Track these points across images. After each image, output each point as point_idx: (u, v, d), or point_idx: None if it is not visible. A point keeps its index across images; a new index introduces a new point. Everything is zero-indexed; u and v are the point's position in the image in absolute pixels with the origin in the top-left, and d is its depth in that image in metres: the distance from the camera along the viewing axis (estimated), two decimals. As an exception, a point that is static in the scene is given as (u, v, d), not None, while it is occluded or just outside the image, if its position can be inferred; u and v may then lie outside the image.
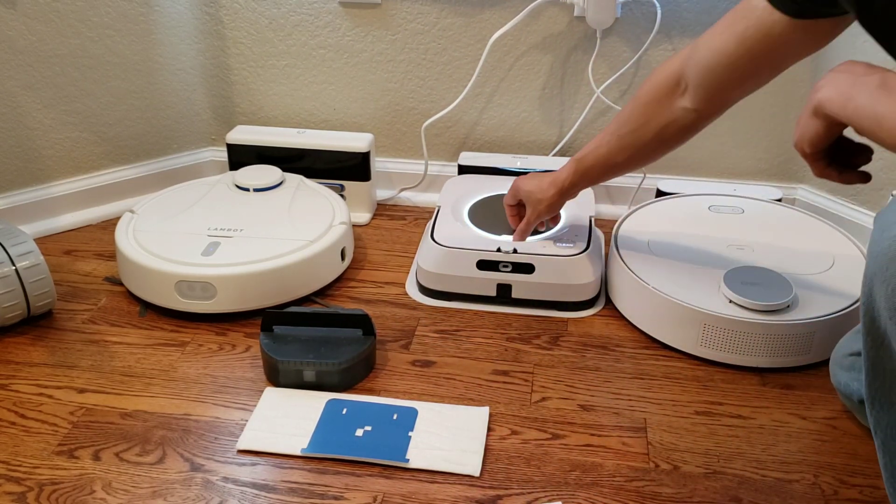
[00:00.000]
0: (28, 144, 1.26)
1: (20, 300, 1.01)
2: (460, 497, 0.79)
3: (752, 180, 1.37)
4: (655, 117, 0.91)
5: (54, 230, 1.31)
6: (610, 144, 0.96)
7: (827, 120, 0.68)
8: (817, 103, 0.68)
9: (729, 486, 0.80)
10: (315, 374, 0.93)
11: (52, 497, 0.78)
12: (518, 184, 1.07)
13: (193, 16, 1.35)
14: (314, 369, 0.92)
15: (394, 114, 1.40)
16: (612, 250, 1.11)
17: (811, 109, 0.69)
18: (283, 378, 0.94)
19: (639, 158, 0.97)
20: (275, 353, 0.93)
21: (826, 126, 0.69)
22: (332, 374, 0.93)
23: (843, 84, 0.66)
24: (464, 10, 1.30)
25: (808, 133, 0.71)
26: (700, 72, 0.85)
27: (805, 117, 0.71)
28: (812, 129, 0.70)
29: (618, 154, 0.96)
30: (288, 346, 0.94)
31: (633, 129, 0.94)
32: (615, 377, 0.97)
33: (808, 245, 1.11)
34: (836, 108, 0.66)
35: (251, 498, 0.78)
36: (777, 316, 0.96)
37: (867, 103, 0.63)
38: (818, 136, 0.70)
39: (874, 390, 0.65)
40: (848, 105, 0.65)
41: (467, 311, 1.10)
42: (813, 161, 0.74)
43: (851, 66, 0.67)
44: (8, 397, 0.92)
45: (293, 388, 0.94)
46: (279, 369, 0.93)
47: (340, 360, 0.92)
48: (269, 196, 1.22)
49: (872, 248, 0.62)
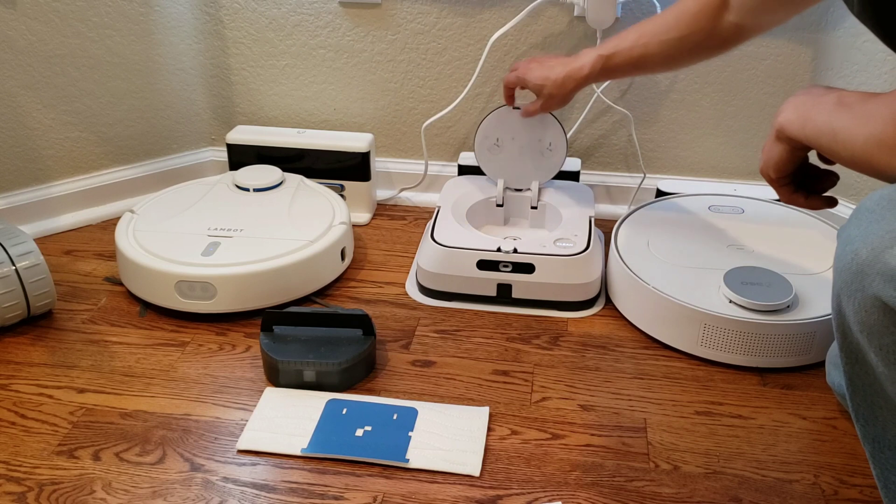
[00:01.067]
0: (28, 144, 1.26)
1: (20, 300, 1.01)
2: (460, 497, 0.79)
3: (752, 180, 1.37)
4: (701, 27, 0.92)
5: (54, 230, 1.31)
6: (647, 47, 0.96)
7: (789, 143, 0.70)
8: (779, 127, 0.70)
9: (729, 486, 0.80)
10: (315, 374, 0.93)
11: (52, 497, 0.78)
12: (524, 75, 1.06)
13: (193, 16, 1.35)
14: (314, 369, 0.93)
15: (394, 114, 1.40)
16: (612, 250, 1.11)
17: (774, 134, 0.71)
18: (283, 378, 0.94)
19: (673, 63, 0.99)
20: (275, 353, 0.93)
21: (789, 150, 0.70)
22: (332, 374, 0.93)
23: (802, 106, 0.68)
24: (464, 10, 1.30)
25: (772, 158, 0.72)
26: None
27: (769, 143, 0.72)
28: (776, 154, 0.72)
29: (654, 57, 0.97)
30: (288, 346, 0.94)
31: (677, 36, 0.94)
32: (615, 377, 0.97)
33: (808, 245, 1.11)
34: (795, 130, 0.68)
35: (251, 498, 0.78)
36: (777, 316, 0.96)
37: (824, 120, 0.65)
38: (782, 160, 0.72)
39: (857, 404, 0.65)
40: (807, 125, 0.67)
41: (467, 311, 1.10)
42: (779, 186, 0.75)
43: (810, 89, 0.69)
44: (8, 397, 0.92)
45: (293, 388, 0.94)
46: (279, 369, 0.93)
47: (340, 360, 0.92)
48: (269, 196, 1.22)
49: (837, 263, 0.62)
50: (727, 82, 1.29)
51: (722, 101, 1.31)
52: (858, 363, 0.63)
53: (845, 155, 0.63)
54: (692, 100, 1.32)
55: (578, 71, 1.01)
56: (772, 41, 1.25)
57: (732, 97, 1.30)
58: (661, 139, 1.36)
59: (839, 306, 0.62)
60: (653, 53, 0.97)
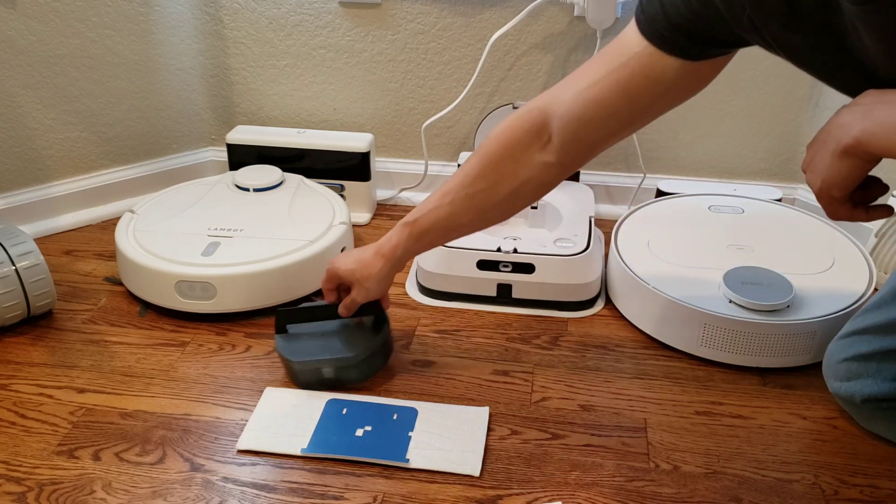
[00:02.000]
0: (28, 144, 1.26)
1: (20, 300, 1.01)
2: (460, 497, 0.79)
3: (752, 180, 1.37)
4: (511, 174, 0.82)
5: (54, 230, 1.31)
6: (453, 204, 0.85)
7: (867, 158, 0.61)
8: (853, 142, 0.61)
9: (729, 486, 0.80)
10: (333, 370, 0.92)
11: (52, 497, 0.78)
12: (335, 265, 0.94)
13: (193, 16, 1.35)
14: (332, 366, 0.92)
15: (394, 114, 1.40)
16: (612, 250, 1.11)
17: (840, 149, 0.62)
18: (302, 378, 0.93)
19: (485, 219, 0.87)
20: (291, 354, 0.92)
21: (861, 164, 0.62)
22: (351, 369, 0.92)
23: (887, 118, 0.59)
24: (464, 10, 1.30)
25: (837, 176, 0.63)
26: (571, 124, 0.77)
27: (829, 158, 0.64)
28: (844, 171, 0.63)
29: (462, 215, 0.85)
30: (303, 344, 0.94)
31: (483, 187, 0.83)
32: (615, 377, 0.97)
33: (808, 245, 1.11)
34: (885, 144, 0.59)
35: (251, 498, 0.78)
36: (777, 316, 0.96)
37: None
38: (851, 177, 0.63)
39: None
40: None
41: (467, 311, 1.10)
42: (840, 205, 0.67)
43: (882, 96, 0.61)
44: (8, 397, 0.92)
45: (314, 387, 0.93)
46: (297, 370, 0.92)
47: (357, 352, 0.91)
48: (269, 196, 1.22)
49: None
50: (727, 82, 1.29)
51: (722, 101, 1.31)
52: None
53: None
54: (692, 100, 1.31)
55: (384, 246, 0.90)
56: (772, 41, 1.25)
57: (732, 97, 1.30)
58: (661, 139, 1.36)
59: None
60: (460, 210, 0.85)
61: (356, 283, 0.92)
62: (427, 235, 0.88)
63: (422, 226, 0.87)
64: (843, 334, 0.87)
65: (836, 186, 0.64)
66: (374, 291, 0.92)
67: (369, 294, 0.93)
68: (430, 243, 0.90)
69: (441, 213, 0.86)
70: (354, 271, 0.92)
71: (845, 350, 0.86)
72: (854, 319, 0.87)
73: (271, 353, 1.01)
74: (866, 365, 0.83)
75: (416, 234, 0.88)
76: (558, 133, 0.78)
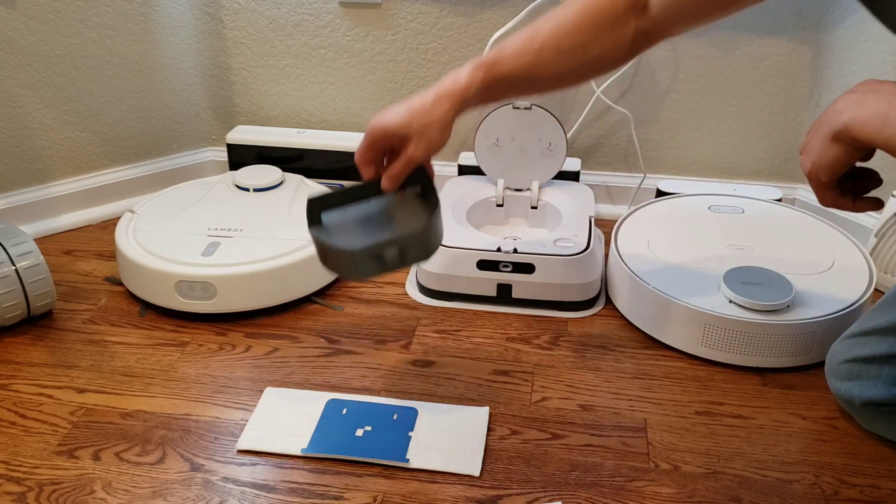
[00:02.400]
0: (28, 144, 1.26)
1: (20, 300, 1.01)
2: (460, 497, 0.79)
3: (752, 180, 1.37)
4: (605, 35, 0.77)
5: (54, 230, 1.31)
6: (540, 54, 0.77)
7: (854, 145, 0.64)
8: (842, 127, 0.63)
9: (729, 486, 0.80)
10: (398, 250, 0.76)
11: (52, 497, 0.78)
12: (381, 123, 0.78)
13: (193, 16, 1.35)
14: (397, 245, 0.76)
15: (394, 114, 1.40)
16: (612, 250, 1.11)
17: (831, 134, 0.64)
18: (362, 267, 0.76)
19: (566, 78, 0.80)
20: (345, 243, 0.76)
21: (849, 151, 0.64)
22: (417, 245, 0.77)
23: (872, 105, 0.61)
24: (464, 10, 1.30)
25: (826, 160, 0.66)
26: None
27: (820, 143, 0.66)
28: (832, 156, 0.65)
29: (546, 68, 0.78)
30: (348, 231, 0.79)
31: (578, 42, 0.77)
32: (615, 377, 0.97)
33: (808, 245, 1.11)
34: (870, 132, 0.61)
35: (251, 498, 0.78)
36: (777, 316, 0.96)
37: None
38: (839, 162, 0.65)
39: None
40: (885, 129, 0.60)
41: (467, 311, 1.10)
42: (827, 190, 0.69)
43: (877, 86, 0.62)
44: (8, 397, 0.92)
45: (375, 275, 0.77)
46: (358, 259, 0.75)
47: (421, 223, 0.77)
48: (269, 196, 1.22)
49: None
50: (727, 82, 1.29)
51: (722, 101, 1.31)
52: None
53: None
54: (692, 100, 1.32)
55: (454, 85, 0.77)
56: (772, 41, 1.25)
57: (732, 97, 1.30)
58: (661, 139, 1.36)
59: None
60: (547, 62, 0.78)
61: (413, 135, 0.77)
62: (502, 82, 0.78)
63: (500, 71, 0.77)
64: (847, 335, 0.87)
65: (824, 170, 0.67)
66: (437, 142, 0.77)
67: (430, 147, 0.77)
68: (502, 93, 0.80)
69: (525, 61, 0.77)
70: (411, 122, 0.76)
71: (848, 351, 0.86)
72: (859, 321, 0.87)
73: (271, 353, 1.01)
74: (867, 367, 0.83)
75: (492, 78, 0.77)
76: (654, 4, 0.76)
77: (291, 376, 0.96)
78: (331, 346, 1.02)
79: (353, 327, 1.06)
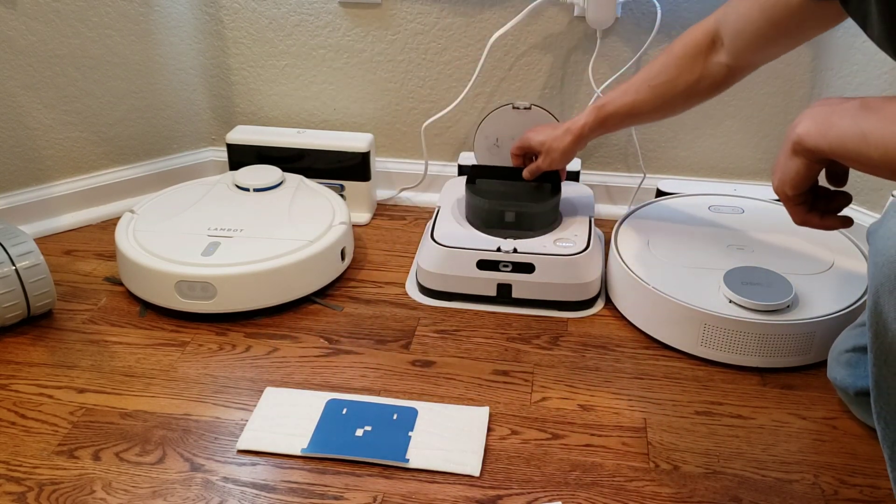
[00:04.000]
0: (28, 144, 1.26)
1: (20, 300, 1.01)
2: (460, 497, 0.79)
3: (752, 180, 1.37)
4: (690, 70, 0.94)
5: (54, 230, 1.31)
6: (639, 93, 0.99)
7: (808, 156, 0.67)
8: (796, 139, 0.67)
9: (729, 486, 0.80)
10: (515, 216, 1.10)
11: (52, 497, 0.78)
12: (529, 136, 1.11)
13: (193, 16, 1.35)
14: (515, 211, 1.10)
15: (394, 114, 1.40)
16: (612, 250, 1.11)
17: (789, 149, 0.68)
18: (486, 217, 1.12)
19: (665, 109, 1.00)
20: (482, 196, 1.12)
21: (807, 164, 0.68)
22: (530, 218, 1.11)
23: (820, 115, 0.66)
24: (464, 10, 1.30)
25: (788, 174, 0.70)
26: (731, 33, 0.89)
27: (783, 159, 0.70)
28: (793, 169, 0.69)
29: (645, 104, 0.99)
30: (490, 194, 1.13)
31: (666, 80, 0.96)
32: (615, 377, 0.97)
33: (808, 245, 1.11)
34: (816, 139, 0.65)
35: (251, 498, 0.78)
36: (777, 316, 0.96)
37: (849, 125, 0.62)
38: (799, 175, 0.69)
39: (881, 407, 0.64)
40: (829, 133, 0.64)
41: (467, 311, 1.10)
42: (794, 205, 0.73)
43: (826, 101, 0.67)
44: (8, 397, 0.92)
45: (495, 227, 1.12)
46: (486, 209, 1.11)
47: (538, 204, 1.11)
48: (269, 196, 1.22)
49: (876, 258, 0.61)
50: (727, 82, 1.29)
51: (722, 101, 1.31)
52: (888, 365, 0.62)
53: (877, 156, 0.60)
54: (692, 100, 1.32)
55: (575, 123, 1.05)
56: (772, 41, 1.25)
57: (732, 97, 1.30)
58: (661, 139, 1.36)
59: (877, 303, 0.61)
60: (644, 100, 0.99)
61: (545, 152, 1.09)
62: (612, 119, 1.03)
63: (608, 110, 1.02)
64: (852, 325, 0.88)
65: (788, 184, 0.70)
66: (558, 161, 1.09)
67: (553, 163, 1.10)
68: (613, 126, 1.05)
69: (626, 100, 1.00)
70: (545, 142, 1.09)
71: (849, 341, 0.86)
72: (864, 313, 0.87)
73: (271, 353, 1.01)
74: (864, 357, 0.84)
75: (603, 116, 1.03)
76: (726, 39, 0.91)
77: (291, 376, 0.96)
78: (331, 346, 1.02)
79: (353, 327, 1.06)
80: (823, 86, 1.26)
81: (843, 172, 0.72)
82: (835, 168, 0.72)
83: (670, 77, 0.96)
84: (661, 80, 0.97)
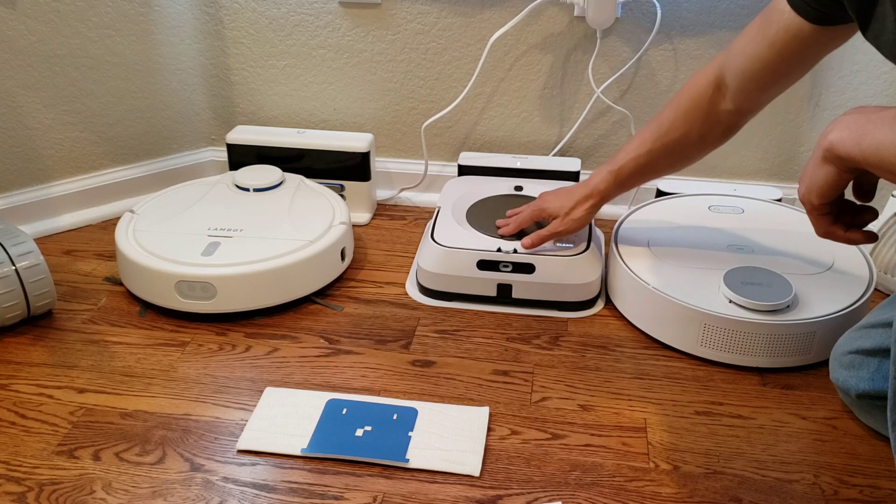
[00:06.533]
0: (28, 144, 1.26)
1: (20, 300, 1.01)
2: (460, 497, 0.79)
3: (752, 180, 1.37)
4: (700, 121, 0.94)
5: (54, 230, 1.31)
6: (652, 152, 0.98)
7: (839, 164, 0.65)
8: (828, 145, 0.65)
9: (729, 486, 0.80)
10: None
11: (52, 497, 0.78)
12: (544, 204, 1.08)
13: (193, 16, 1.35)
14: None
15: (394, 114, 1.40)
16: (612, 250, 1.11)
17: (820, 156, 0.67)
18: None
19: (681, 162, 1.00)
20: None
21: (837, 172, 0.66)
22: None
23: (854, 124, 0.64)
24: (464, 10, 1.30)
25: (817, 182, 0.68)
26: (738, 76, 0.88)
27: (813, 166, 0.68)
28: (822, 177, 0.67)
29: (660, 160, 0.99)
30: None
31: (678, 136, 0.96)
32: (615, 377, 0.97)
33: (808, 245, 1.11)
34: (849, 147, 0.63)
35: (251, 498, 0.78)
36: (777, 316, 0.96)
37: (886, 134, 0.60)
38: (828, 183, 0.67)
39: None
40: (863, 141, 0.62)
41: (467, 311, 1.10)
42: (819, 215, 0.71)
43: (861, 109, 0.65)
44: (8, 397, 0.92)
45: None
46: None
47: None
48: (269, 196, 1.22)
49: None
50: (727, 82, 1.29)
51: (722, 101, 1.31)
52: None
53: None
54: (692, 100, 1.32)
55: (594, 187, 1.03)
56: (772, 41, 1.25)
57: (732, 97, 1.30)
58: (661, 139, 1.36)
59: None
60: (659, 156, 0.98)
61: (564, 217, 1.06)
62: (629, 179, 1.02)
63: (624, 173, 1.01)
64: (856, 327, 0.88)
65: (815, 192, 0.69)
66: (576, 228, 1.07)
67: (569, 229, 1.06)
68: (631, 185, 1.04)
69: (641, 161, 1.00)
70: (562, 207, 1.06)
71: (852, 342, 0.86)
72: (870, 314, 0.88)
73: (271, 353, 1.01)
74: (868, 359, 0.84)
75: (621, 179, 1.02)
76: (731, 83, 0.90)
77: (291, 376, 0.96)
78: (331, 346, 1.02)
79: (353, 327, 1.06)
80: (823, 86, 1.26)
81: (871, 187, 0.71)
82: (863, 180, 0.70)
83: (682, 133, 0.95)
84: (673, 137, 0.96)
